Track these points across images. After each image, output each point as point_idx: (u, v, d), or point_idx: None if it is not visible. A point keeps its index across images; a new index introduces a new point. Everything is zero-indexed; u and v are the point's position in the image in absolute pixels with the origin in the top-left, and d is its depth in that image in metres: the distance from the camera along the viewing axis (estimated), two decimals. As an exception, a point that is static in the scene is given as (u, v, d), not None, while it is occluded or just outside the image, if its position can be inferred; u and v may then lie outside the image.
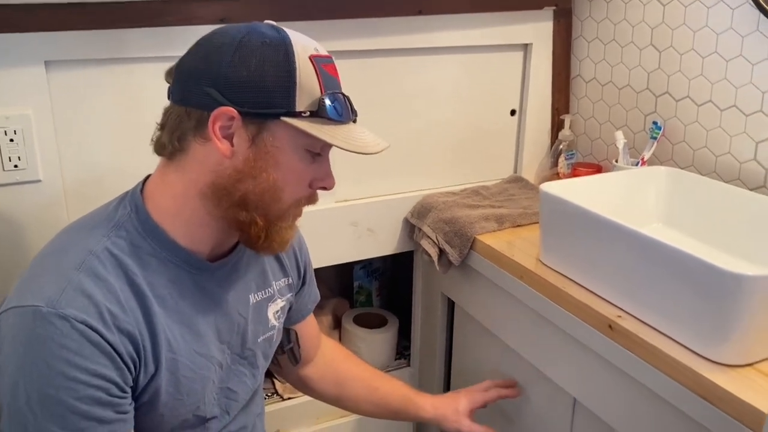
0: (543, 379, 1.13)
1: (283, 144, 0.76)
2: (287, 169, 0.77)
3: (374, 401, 1.13)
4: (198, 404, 0.82)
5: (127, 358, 0.73)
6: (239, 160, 0.75)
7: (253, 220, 0.78)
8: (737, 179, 1.21)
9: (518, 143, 1.54)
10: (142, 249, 0.77)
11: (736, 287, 0.80)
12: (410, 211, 1.42)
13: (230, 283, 0.86)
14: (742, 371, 0.82)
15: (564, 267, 1.08)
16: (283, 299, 0.96)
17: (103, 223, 0.78)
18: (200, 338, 0.82)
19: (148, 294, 0.76)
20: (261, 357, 0.92)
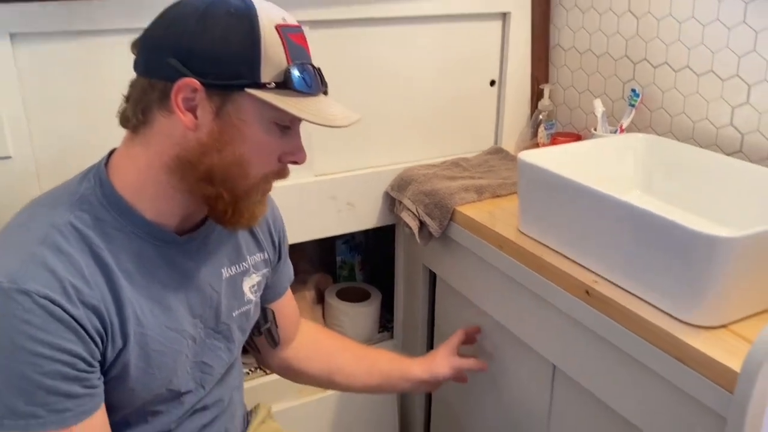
0: (523, 347, 1.14)
1: (248, 117, 0.74)
2: (253, 143, 0.76)
3: (365, 368, 1.12)
4: (170, 378, 0.82)
5: (93, 332, 0.72)
6: (203, 133, 0.74)
7: (219, 195, 0.77)
8: (714, 144, 1.21)
9: (498, 114, 1.53)
10: (106, 222, 0.76)
11: (711, 249, 0.80)
12: (390, 184, 1.41)
13: (200, 257, 0.85)
14: (716, 332, 0.83)
15: (542, 235, 1.08)
16: (259, 274, 0.95)
17: (66, 197, 0.77)
18: (170, 312, 0.81)
19: (113, 268, 0.75)
20: (237, 331, 0.92)
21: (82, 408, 0.72)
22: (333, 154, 1.35)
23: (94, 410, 0.73)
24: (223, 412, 0.94)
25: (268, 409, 1.09)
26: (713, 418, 0.79)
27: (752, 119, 1.15)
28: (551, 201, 1.05)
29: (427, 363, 1.16)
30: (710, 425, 0.80)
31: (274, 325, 1.04)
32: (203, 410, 0.90)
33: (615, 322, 0.91)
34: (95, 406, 0.73)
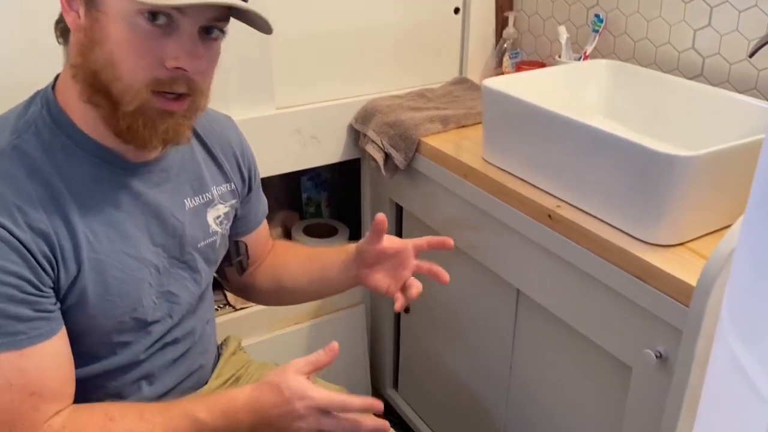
0: (488, 273, 1.15)
1: (110, 9, 0.68)
2: (119, 40, 0.69)
3: (311, 267, 1.03)
4: (134, 306, 0.81)
5: (41, 257, 0.71)
6: (81, 31, 0.71)
7: (99, 102, 0.72)
8: (676, 69, 1.21)
9: (462, 43, 1.51)
10: (55, 146, 0.74)
11: (670, 169, 0.82)
12: (354, 116, 1.39)
13: (160, 185, 0.83)
14: (675, 250, 0.85)
15: (506, 163, 1.09)
16: (226, 205, 0.93)
17: (13, 121, 0.75)
18: (128, 239, 0.79)
19: (63, 192, 0.73)
20: (203, 262, 0.91)
21: (37, 332, 0.71)
22: (295, 86, 1.32)
23: (51, 335, 0.72)
24: (194, 344, 0.94)
25: (238, 341, 1.10)
26: (671, 332, 0.82)
27: (714, 42, 1.15)
28: (515, 128, 1.05)
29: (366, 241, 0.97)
30: (668, 339, 0.83)
31: (245, 258, 1.03)
32: (174, 343, 0.90)
33: (577, 245, 0.92)
34: (51, 330, 0.72)
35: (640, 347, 0.86)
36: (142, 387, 0.88)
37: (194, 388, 0.96)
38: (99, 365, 0.82)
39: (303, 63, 1.32)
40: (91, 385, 0.82)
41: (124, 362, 0.84)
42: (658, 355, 0.84)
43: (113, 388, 0.85)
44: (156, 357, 0.88)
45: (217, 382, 1.00)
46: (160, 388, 0.90)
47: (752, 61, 1.10)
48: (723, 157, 0.83)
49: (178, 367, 0.92)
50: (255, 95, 1.27)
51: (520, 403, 1.17)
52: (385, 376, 1.61)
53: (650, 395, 0.87)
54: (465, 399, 1.33)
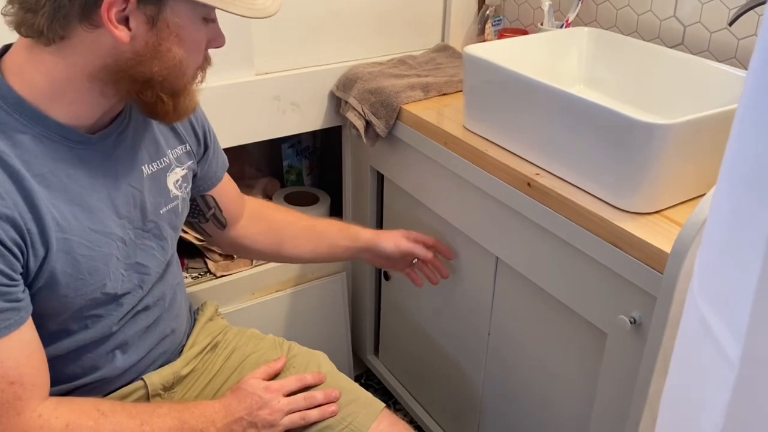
0: (468, 241, 1.16)
1: (183, 20, 0.74)
2: (190, 44, 0.76)
3: (312, 238, 1.13)
4: (104, 281, 0.80)
5: (11, 243, 0.69)
6: (139, 43, 0.72)
7: (160, 98, 0.77)
8: (657, 38, 1.21)
9: (445, 10, 1.49)
10: (9, 126, 0.72)
11: (647, 137, 0.82)
12: (336, 83, 1.37)
13: (117, 155, 0.82)
14: (651, 218, 0.86)
15: (487, 131, 1.09)
16: (183, 167, 0.93)
17: None
18: (93, 214, 0.78)
19: (24, 174, 0.71)
20: (168, 228, 0.90)
21: (7, 322, 0.70)
22: (275, 52, 1.30)
23: (20, 323, 0.72)
24: (165, 311, 0.94)
25: (215, 307, 1.10)
26: (645, 299, 0.83)
27: (695, 10, 1.15)
28: (496, 95, 1.05)
29: (377, 233, 1.17)
30: (642, 305, 0.84)
31: (218, 210, 1.04)
32: (145, 311, 0.90)
33: (555, 212, 0.93)
34: (20, 319, 0.72)
35: (616, 313, 0.87)
36: (116, 356, 0.88)
37: (167, 352, 0.96)
38: (71, 340, 0.82)
39: (283, 28, 1.30)
40: (65, 360, 0.82)
41: (97, 336, 0.84)
42: (632, 321, 0.85)
43: (88, 361, 0.85)
44: (128, 326, 0.88)
45: (193, 350, 1.00)
46: (134, 357, 0.90)
47: (732, 30, 1.10)
48: (700, 126, 0.84)
49: (151, 333, 0.92)
50: (234, 61, 1.25)
51: (498, 369, 1.19)
52: (365, 343, 1.63)
53: (624, 360, 0.89)
54: (444, 365, 1.35)
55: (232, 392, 0.92)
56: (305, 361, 1.03)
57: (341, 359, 1.61)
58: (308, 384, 0.97)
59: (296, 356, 1.04)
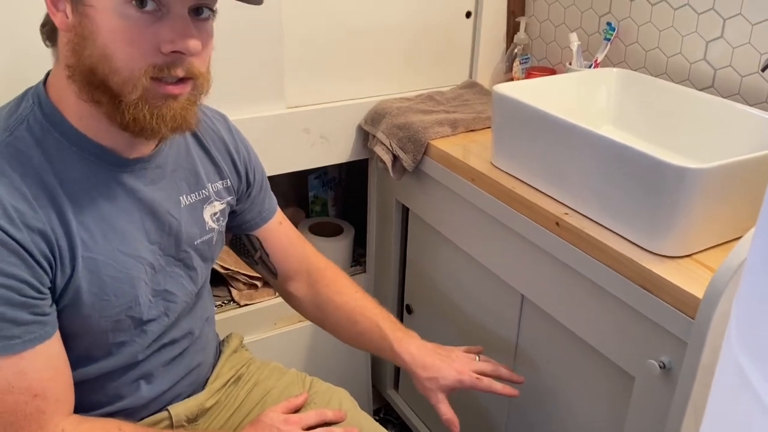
0: (493, 278, 1.16)
1: (98, 3, 0.67)
2: (109, 31, 0.68)
3: (353, 335, 1.08)
4: (130, 305, 0.80)
5: (40, 257, 0.70)
6: (71, 30, 0.70)
7: (100, 99, 0.71)
8: (687, 80, 1.21)
9: (473, 47, 1.51)
10: (49, 143, 0.73)
11: (679, 180, 0.82)
12: (364, 117, 1.39)
13: (156, 182, 0.82)
14: (682, 262, 0.86)
15: (515, 168, 1.09)
16: (222, 202, 0.93)
17: (3, 118, 0.74)
18: (123, 236, 0.78)
19: (58, 190, 0.72)
20: (198, 259, 0.90)
21: (32, 335, 0.70)
22: (306, 85, 1.32)
23: (46, 338, 0.72)
24: (193, 344, 0.94)
25: (240, 339, 1.10)
26: (676, 344, 0.82)
27: (726, 54, 1.15)
28: (524, 133, 1.05)
29: (416, 370, 1.01)
30: (672, 350, 0.83)
31: (264, 254, 1.02)
32: (172, 344, 0.90)
33: (584, 253, 0.92)
34: (47, 334, 0.72)
35: (644, 357, 0.86)
36: (141, 386, 0.88)
37: (192, 384, 0.96)
38: (96, 366, 0.82)
39: (314, 63, 1.32)
40: (89, 387, 0.82)
41: (121, 363, 0.84)
42: (661, 366, 0.84)
43: (112, 389, 0.85)
44: (154, 357, 0.88)
45: (217, 383, 1.00)
46: (159, 388, 0.90)
47: (764, 75, 1.10)
48: (733, 171, 0.83)
49: (177, 365, 0.92)
50: (266, 94, 1.27)
51: (522, 409, 1.18)
52: (385, 376, 1.62)
53: (653, 405, 0.88)
54: (466, 402, 1.33)
55: (252, 424, 0.91)
56: (327, 397, 1.02)
57: (360, 392, 1.60)
58: (328, 419, 0.96)
59: (318, 392, 1.03)
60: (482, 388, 1.00)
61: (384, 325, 1.04)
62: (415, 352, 1.02)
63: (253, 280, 1.42)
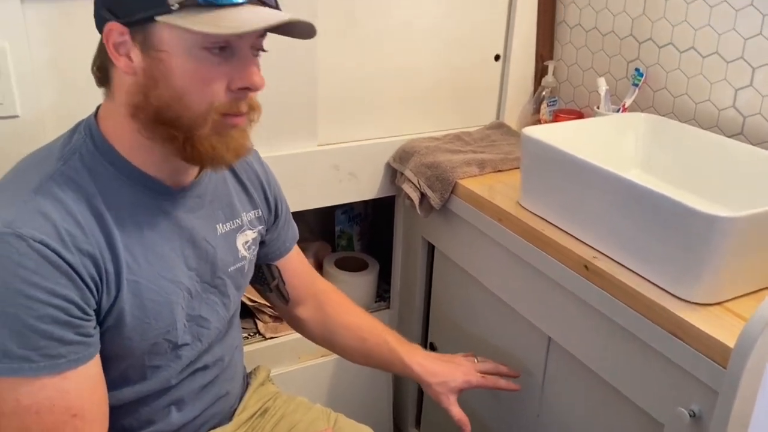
0: (519, 319, 1.16)
1: (170, 47, 0.71)
2: (183, 73, 0.72)
3: (362, 353, 1.12)
4: (168, 329, 0.83)
5: (88, 279, 0.73)
6: (140, 74, 0.73)
7: (172, 135, 0.75)
8: (715, 126, 1.22)
9: (501, 89, 1.54)
10: (99, 172, 0.77)
11: (710, 228, 0.82)
12: (392, 155, 1.42)
13: (195, 211, 0.86)
14: (712, 309, 0.85)
15: (543, 210, 1.10)
16: (254, 231, 0.96)
17: (59, 149, 0.78)
18: (165, 262, 0.82)
19: (107, 216, 0.76)
20: (232, 287, 0.93)
21: (76, 355, 0.72)
22: (337, 123, 1.36)
23: (89, 359, 0.74)
24: (223, 371, 0.95)
25: (267, 372, 1.11)
26: (706, 392, 0.81)
27: (755, 102, 1.16)
28: (552, 176, 1.06)
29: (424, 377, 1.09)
30: (703, 399, 0.82)
31: (281, 282, 1.06)
32: (203, 369, 0.92)
33: (613, 297, 0.93)
34: (89, 355, 0.74)
35: (674, 405, 0.86)
36: (171, 412, 0.89)
37: (220, 414, 0.97)
38: (131, 390, 0.84)
39: (345, 102, 1.36)
40: (122, 411, 0.84)
41: (155, 388, 0.86)
42: (691, 414, 0.83)
43: (144, 414, 0.87)
44: (186, 383, 0.90)
45: (244, 415, 1.01)
46: (189, 414, 0.92)
47: (793, 123, 1.11)
48: (764, 220, 0.84)
49: (207, 393, 0.94)
50: (299, 132, 1.31)
51: (546, 452, 1.17)
52: (407, 415, 1.61)
53: (682, 454, 0.87)
54: (488, 443, 1.32)
55: None
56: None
57: (382, 430, 1.59)
58: None
59: (343, 429, 1.04)
60: (489, 385, 1.11)
61: (390, 339, 1.11)
62: (423, 362, 1.10)
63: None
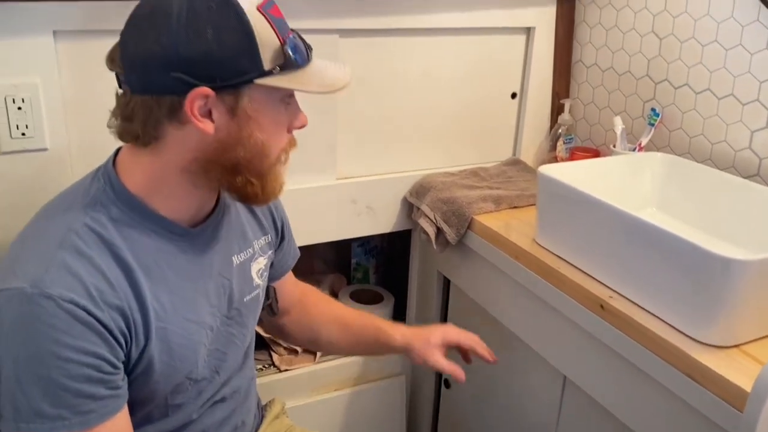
0: (534, 356, 1.16)
1: (262, 105, 0.76)
2: (270, 126, 0.78)
3: (349, 339, 1.13)
4: (191, 369, 0.84)
5: (118, 333, 0.73)
6: (222, 133, 0.75)
7: (248, 181, 0.79)
8: (732, 167, 1.23)
9: (518, 126, 1.56)
10: (121, 222, 0.77)
11: (725, 271, 0.82)
12: (409, 190, 1.43)
13: (213, 246, 0.87)
14: (729, 352, 0.85)
15: (559, 248, 1.11)
16: (265, 257, 0.98)
17: (79, 199, 0.78)
18: (189, 304, 0.82)
19: (133, 266, 0.76)
20: (248, 316, 0.94)
21: (106, 409, 0.73)
22: (355, 158, 1.38)
23: (117, 411, 0.74)
24: (240, 404, 0.96)
25: (282, 405, 1.12)
26: (722, 435, 0.81)
27: (771, 143, 1.17)
28: (569, 214, 1.07)
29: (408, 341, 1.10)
30: (718, 442, 0.82)
31: (275, 301, 1.07)
32: (222, 402, 0.92)
33: (628, 338, 0.93)
34: (118, 406, 0.75)
35: (690, 448, 0.85)
36: None
37: None
38: (152, 428, 0.85)
39: (364, 137, 1.38)
40: None
41: (177, 424, 0.87)
42: (708, 458, 0.83)
43: None
44: (206, 416, 0.90)
45: None
46: None
47: (809, 165, 1.11)
48: (780, 263, 0.84)
49: (226, 424, 0.94)
50: (319, 167, 1.33)
51: (560, 492, 1.16)
52: (420, 450, 1.60)
53: (698, 498, 0.86)
54: (502, 482, 1.31)
55: None
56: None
57: (395, 464, 1.58)
58: None
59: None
60: (468, 339, 1.11)
61: (374, 319, 1.14)
62: (405, 332, 1.11)
63: (294, 346, 1.44)
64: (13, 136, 1.04)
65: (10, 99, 1.02)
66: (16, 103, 1.03)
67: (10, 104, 1.02)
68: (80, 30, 1.05)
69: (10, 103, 1.02)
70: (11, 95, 1.02)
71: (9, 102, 1.02)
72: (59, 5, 1.02)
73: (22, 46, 1.02)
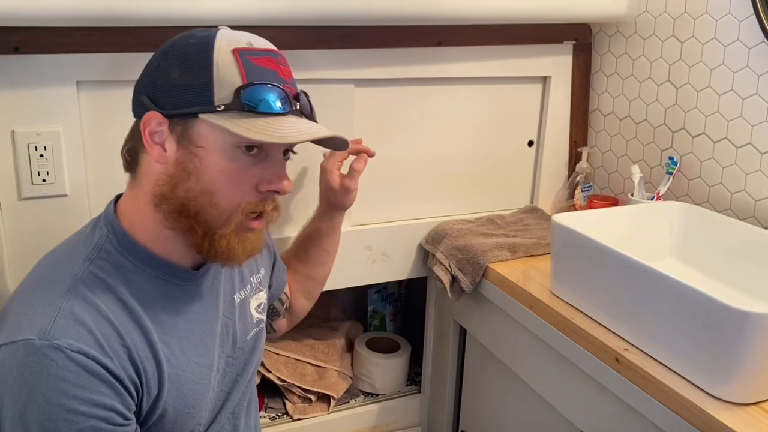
0: (550, 409, 1.13)
1: (208, 143, 0.73)
2: (217, 171, 0.74)
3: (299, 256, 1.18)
4: (202, 413, 0.83)
5: (128, 382, 0.72)
6: (171, 164, 0.74)
7: (192, 228, 0.75)
8: (752, 217, 1.21)
9: (535, 174, 1.55)
10: (126, 268, 0.76)
11: (743, 324, 0.80)
12: (425, 237, 1.43)
13: (215, 287, 0.87)
14: (748, 410, 0.82)
15: (574, 298, 1.09)
16: (263, 291, 0.98)
17: (82, 248, 0.78)
18: (198, 348, 0.82)
19: (140, 312, 0.75)
20: (250, 354, 0.94)
21: None
22: (371, 205, 1.38)
23: None
24: None
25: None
26: (742, 498, 0.77)
27: (791, 193, 1.15)
28: (584, 264, 1.06)
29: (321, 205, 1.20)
30: (739, 505, 0.78)
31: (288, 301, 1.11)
32: None
33: (644, 392, 0.90)
34: None
35: None
36: None
37: None
38: None
39: (379, 184, 1.39)
40: None
41: None
42: None
43: None
44: None
45: None
46: None
47: (832, 216, 1.08)
48: (800, 317, 0.81)
49: None
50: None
51: None
52: (435, 505, 1.55)
53: None
54: None
55: None
56: None
57: None
58: None
59: None
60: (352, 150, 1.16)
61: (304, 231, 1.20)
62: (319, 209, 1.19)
63: (308, 394, 1.43)
64: (34, 182, 1.07)
65: (32, 146, 1.05)
66: (38, 151, 1.06)
67: (32, 152, 1.05)
68: (102, 80, 1.08)
69: (32, 151, 1.05)
70: (34, 143, 1.05)
71: (31, 149, 1.05)
72: (83, 57, 1.06)
73: (47, 95, 1.05)
